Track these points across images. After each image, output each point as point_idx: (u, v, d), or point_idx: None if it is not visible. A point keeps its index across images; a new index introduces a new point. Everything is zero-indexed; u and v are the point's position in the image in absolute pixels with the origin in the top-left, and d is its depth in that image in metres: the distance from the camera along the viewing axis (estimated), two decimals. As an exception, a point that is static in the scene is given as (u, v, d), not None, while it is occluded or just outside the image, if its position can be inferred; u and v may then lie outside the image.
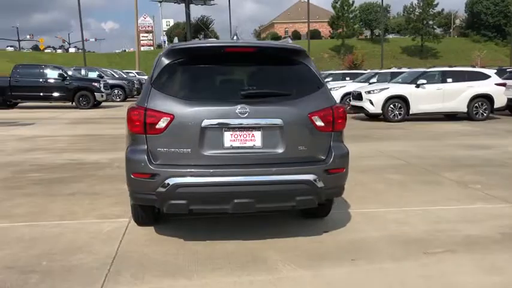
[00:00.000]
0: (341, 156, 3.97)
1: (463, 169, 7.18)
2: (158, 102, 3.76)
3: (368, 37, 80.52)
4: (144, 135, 3.74)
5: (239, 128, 3.75)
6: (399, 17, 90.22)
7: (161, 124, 3.70)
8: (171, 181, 3.64)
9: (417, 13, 70.98)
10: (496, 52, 69.65)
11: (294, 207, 3.87)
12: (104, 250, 3.91)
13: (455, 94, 14.76)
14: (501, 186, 6.09)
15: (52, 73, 20.92)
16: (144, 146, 3.75)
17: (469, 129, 12.87)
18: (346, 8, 71.00)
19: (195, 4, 51.39)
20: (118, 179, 6.07)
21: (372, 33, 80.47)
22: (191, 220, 4.63)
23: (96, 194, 5.71)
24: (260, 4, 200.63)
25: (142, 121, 3.72)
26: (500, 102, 15.12)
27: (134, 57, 54.64)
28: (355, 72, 24.98)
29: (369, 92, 15.14)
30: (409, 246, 4.02)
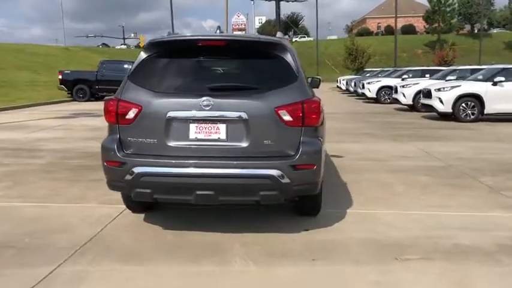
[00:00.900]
0: (311, 152, 3.82)
1: (507, 175, 6.51)
2: (130, 94, 3.91)
3: (469, 32, 75.35)
4: (117, 125, 3.92)
5: (203, 121, 3.78)
6: (505, 10, 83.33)
7: (131, 114, 3.85)
8: (136, 170, 3.77)
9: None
10: None
11: (259, 202, 3.80)
12: (85, 233, 4.16)
13: (538, 93, 13.20)
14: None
15: None
16: (117, 136, 3.93)
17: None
18: (443, 2, 67.01)
19: (286, 1, 51.61)
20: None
21: (472, 27, 75.15)
22: (183, 210, 4.73)
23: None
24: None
25: (115, 111, 3.90)
26: None
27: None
28: (435, 68, 23.34)
29: (439, 90, 13.92)
30: (384, 250, 3.78)
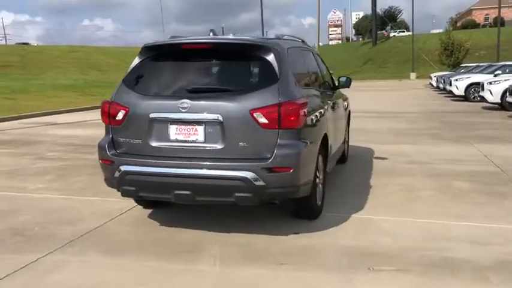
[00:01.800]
0: (287, 155, 3.76)
1: None
2: (121, 96, 4.16)
3: None
4: (110, 125, 4.20)
5: (182, 122, 3.90)
6: None
7: (120, 116, 4.10)
8: (123, 168, 4.02)
9: None
10: None
11: (235, 203, 3.83)
12: (89, 225, 4.49)
13: None
14: None
15: None
16: (110, 135, 4.20)
17: None
18: None
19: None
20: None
21: None
22: (190, 208, 4.86)
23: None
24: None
25: (107, 113, 4.18)
26: None
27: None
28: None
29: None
30: (362, 259, 3.60)
